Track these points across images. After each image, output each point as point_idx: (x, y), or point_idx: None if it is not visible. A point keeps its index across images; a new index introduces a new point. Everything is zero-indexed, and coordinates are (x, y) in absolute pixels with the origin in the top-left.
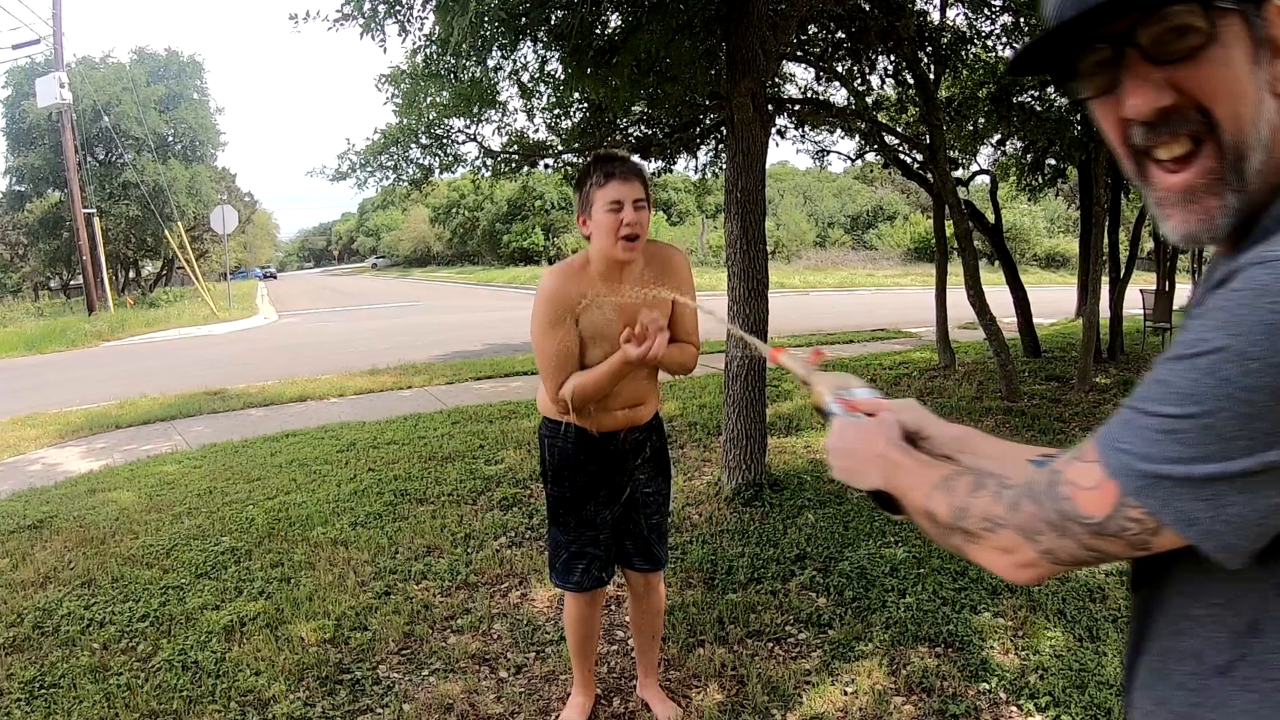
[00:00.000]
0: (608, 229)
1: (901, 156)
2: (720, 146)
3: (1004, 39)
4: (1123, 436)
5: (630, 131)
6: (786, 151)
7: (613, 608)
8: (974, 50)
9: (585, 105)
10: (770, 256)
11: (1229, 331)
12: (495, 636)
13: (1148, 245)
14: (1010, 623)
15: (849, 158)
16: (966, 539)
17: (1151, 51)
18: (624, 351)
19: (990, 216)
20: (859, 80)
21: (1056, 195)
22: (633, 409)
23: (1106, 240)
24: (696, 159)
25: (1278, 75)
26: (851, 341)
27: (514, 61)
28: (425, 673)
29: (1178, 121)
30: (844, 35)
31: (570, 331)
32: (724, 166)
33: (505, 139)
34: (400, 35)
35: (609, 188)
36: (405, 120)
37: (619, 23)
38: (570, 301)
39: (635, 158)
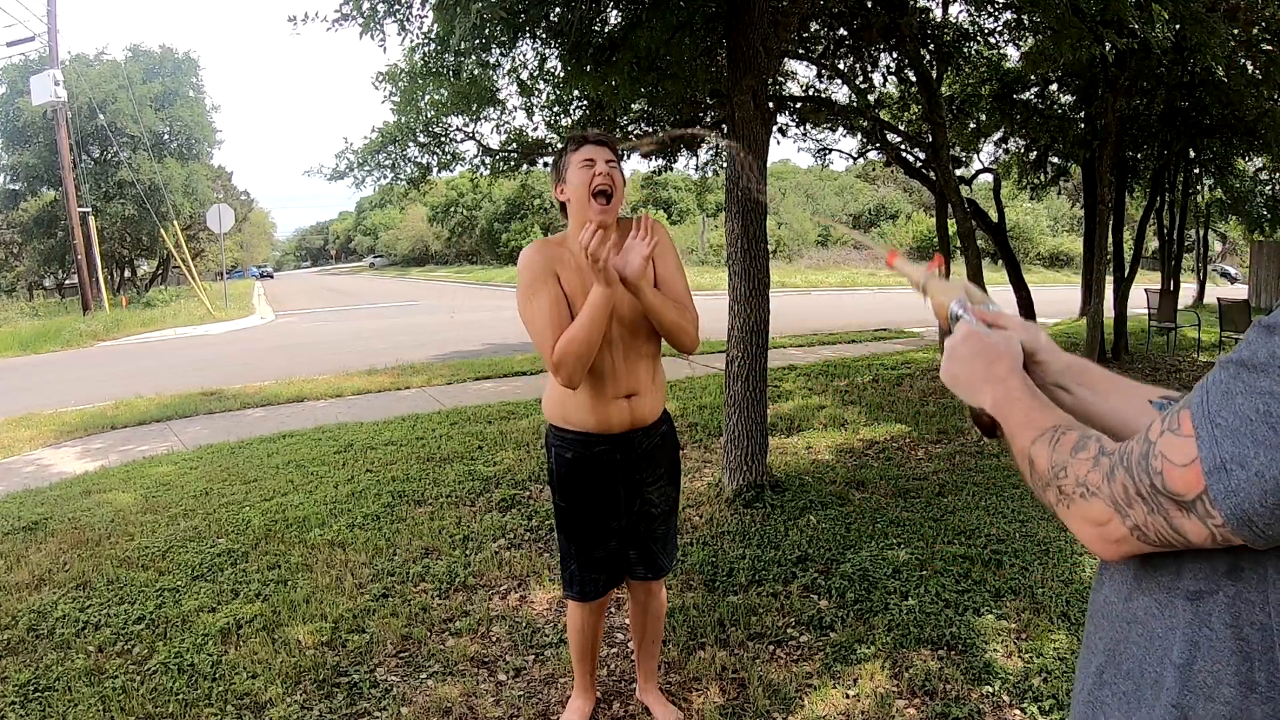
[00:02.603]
0: (581, 183)
1: (904, 154)
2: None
3: (1006, 36)
4: (1220, 410)
5: (630, 129)
6: (788, 150)
7: (613, 610)
8: (976, 47)
9: (585, 103)
10: (771, 256)
11: None
12: (494, 639)
13: (1152, 245)
14: (1013, 625)
15: (851, 156)
16: (1059, 498)
17: None
18: (581, 244)
19: (993, 215)
20: (861, 78)
21: (1060, 194)
22: (631, 399)
23: (1110, 239)
24: (697, 157)
25: None
26: (854, 341)
27: (513, 59)
28: (423, 676)
29: None
30: (846, 32)
31: (557, 288)
32: (725, 165)
33: (504, 137)
34: (400, 35)
35: (582, 150)
36: (403, 118)
37: (618, 20)
38: (551, 262)
39: (635, 156)
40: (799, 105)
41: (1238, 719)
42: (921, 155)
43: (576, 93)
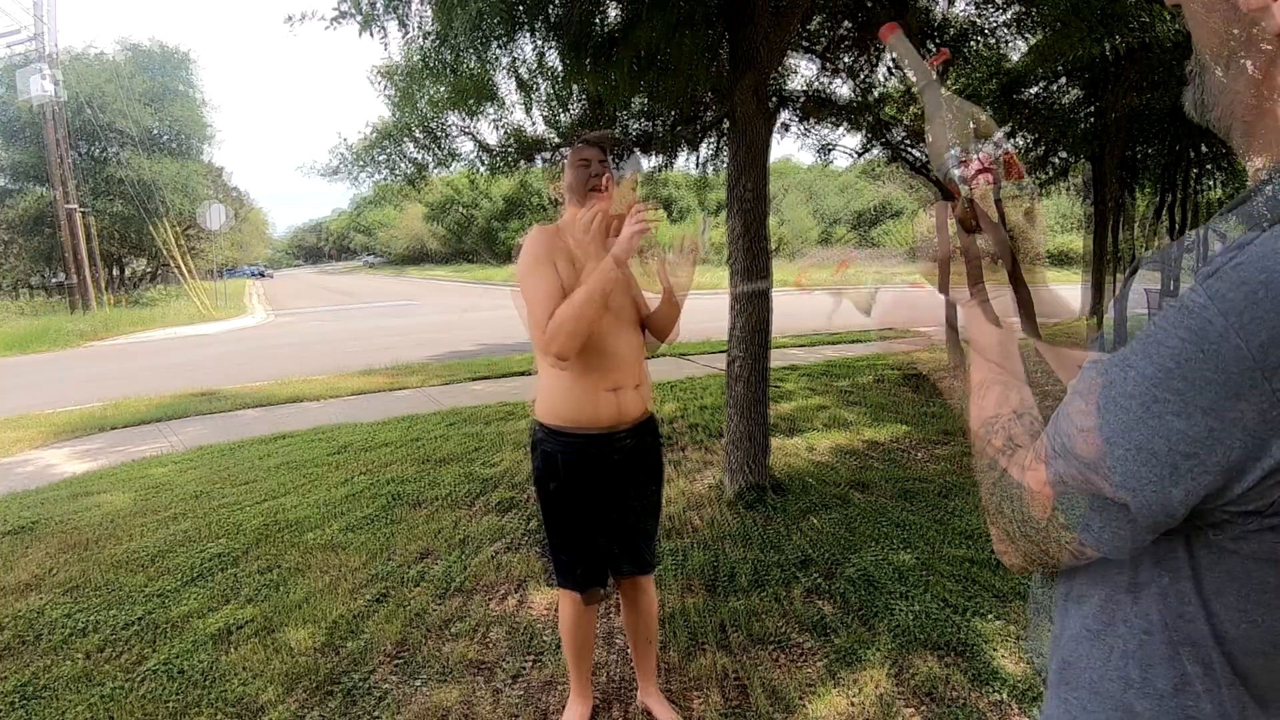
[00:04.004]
0: (580, 180)
1: (905, 152)
2: (722, 142)
3: (1011, 32)
4: (1116, 383)
5: (630, 126)
6: (789, 147)
7: (612, 614)
8: (980, 44)
9: (584, 99)
10: (773, 254)
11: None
12: (492, 643)
13: (1162, 243)
14: (1018, 629)
15: (853, 154)
16: (998, 452)
17: None
18: (589, 219)
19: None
20: (864, 74)
21: (1065, 191)
22: (619, 392)
23: (1111, 238)
24: (698, 154)
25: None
26: (858, 341)
27: (512, 55)
28: (420, 680)
29: None
30: (848, 26)
31: (558, 272)
32: (726, 162)
33: (503, 134)
34: (401, 31)
35: (577, 151)
36: (400, 115)
37: (619, 16)
38: (554, 246)
39: (637, 153)
40: (801, 102)
41: (1179, 714)
42: (925, 153)
43: (576, 89)
